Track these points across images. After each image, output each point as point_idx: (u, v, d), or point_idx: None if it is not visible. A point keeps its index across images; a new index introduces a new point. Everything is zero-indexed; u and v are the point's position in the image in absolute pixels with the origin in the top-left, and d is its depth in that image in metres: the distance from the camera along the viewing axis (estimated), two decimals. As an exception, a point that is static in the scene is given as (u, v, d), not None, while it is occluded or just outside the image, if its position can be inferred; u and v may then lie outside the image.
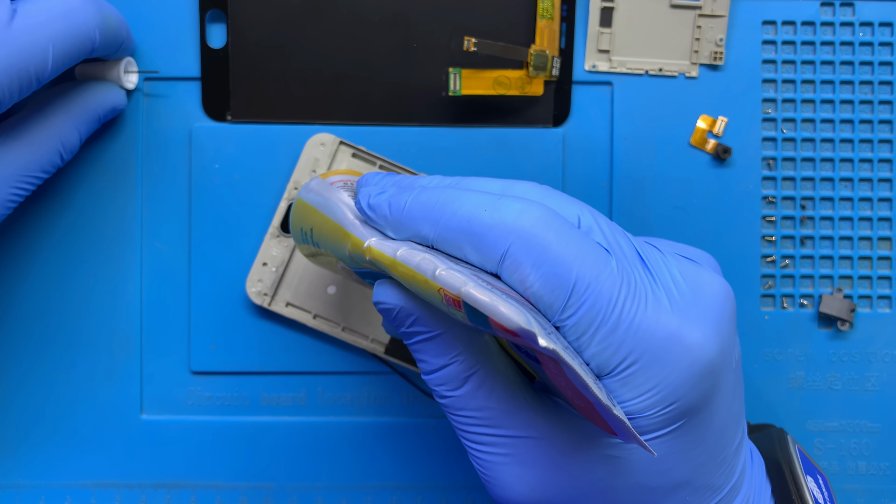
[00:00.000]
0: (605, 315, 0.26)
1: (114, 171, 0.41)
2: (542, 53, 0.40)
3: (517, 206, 0.27)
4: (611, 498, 0.29)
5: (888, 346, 0.42)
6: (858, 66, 0.42)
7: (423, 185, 0.30)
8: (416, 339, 0.29)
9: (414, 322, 0.29)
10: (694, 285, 0.28)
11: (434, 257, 0.26)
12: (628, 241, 0.28)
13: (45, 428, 0.42)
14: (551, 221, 0.27)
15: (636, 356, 0.27)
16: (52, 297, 0.41)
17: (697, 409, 0.28)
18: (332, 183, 0.33)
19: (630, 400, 0.27)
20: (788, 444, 0.34)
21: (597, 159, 0.42)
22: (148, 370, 0.42)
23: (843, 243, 0.42)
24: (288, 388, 0.42)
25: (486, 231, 0.26)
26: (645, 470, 0.29)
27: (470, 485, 0.42)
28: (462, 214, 0.27)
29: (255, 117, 0.41)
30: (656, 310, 0.27)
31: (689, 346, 0.27)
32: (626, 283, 0.27)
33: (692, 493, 0.29)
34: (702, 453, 0.29)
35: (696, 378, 0.27)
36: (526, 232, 0.26)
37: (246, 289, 0.41)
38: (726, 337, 0.28)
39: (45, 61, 0.33)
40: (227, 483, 0.42)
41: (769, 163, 0.42)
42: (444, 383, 0.29)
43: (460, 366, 0.29)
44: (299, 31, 0.41)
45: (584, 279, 0.26)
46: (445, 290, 0.25)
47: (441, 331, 0.29)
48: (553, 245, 0.26)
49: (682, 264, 0.29)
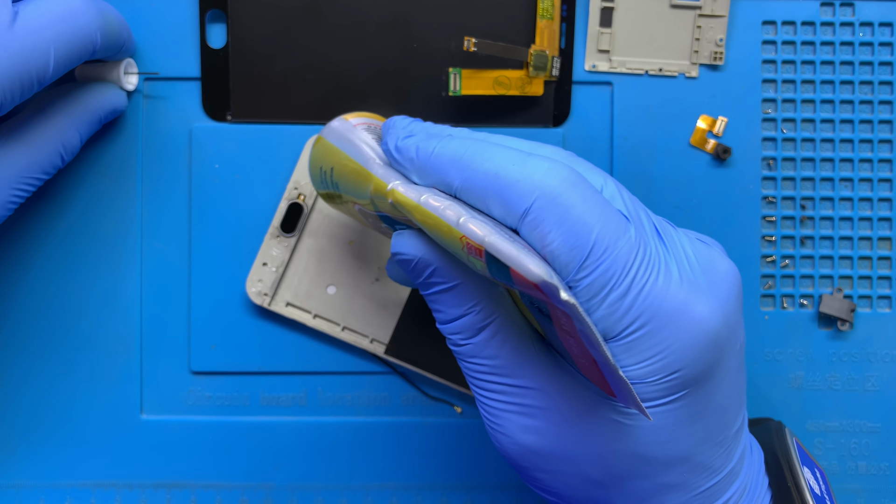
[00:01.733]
0: (618, 280, 0.27)
1: (114, 172, 0.41)
2: (542, 53, 0.40)
3: (545, 165, 0.27)
4: (609, 462, 0.29)
5: (888, 346, 0.42)
6: (858, 66, 0.42)
7: (450, 133, 0.30)
8: (433, 289, 0.29)
9: (432, 273, 0.29)
10: (704, 263, 0.29)
11: (458, 206, 0.26)
12: (647, 214, 0.29)
13: (45, 428, 0.42)
14: (577, 183, 0.27)
15: (642, 322, 0.27)
16: (52, 297, 0.41)
17: (700, 382, 0.28)
18: (355, 124, 0.33)
19: (633, 365, 0.28)
20: (786, 437, 0.35)
21: (597, 159, 0.42)
22: (148, 370, 0.42)
23: (843, 243, 0.42)
24: (288, 388, 0.42)
25: (513, 185, 0.27)
26: (645, 439, 0.29)
27: (470, 485, 0.42)
28: (490, 166, 0.27)
29: (255, 117, 0.41)
30: (667, 280, 0.27)
31: (695, 317, 0.28)
32: (641, 251, 0.27)
33: (689, 470, 0.30)
34: (701, 430, 0.29)
35: (699, 349, 0.28)
36: (552, 190, 0.27)
37: (246, 289, 0.41)
38: (732, 315, 0.29)
39: (47, 63, 0.33)
40: (227, 483, 0.42)
41: (769, 163, 0.42)
42: (459, 332, 0.30)
43: (476, 316, 0.29)
44: (299, 31, 0.41)
45: (603, 242, 0.26)
46: (468, 239, 0.25)
47: (459, 281, 0.29)
48: (576, 206, 0.27)
49: (694, 243, 0.30)
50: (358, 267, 0.41)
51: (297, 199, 0.40)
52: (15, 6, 0.33)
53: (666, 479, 0.30)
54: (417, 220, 0.28)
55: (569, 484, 0.30)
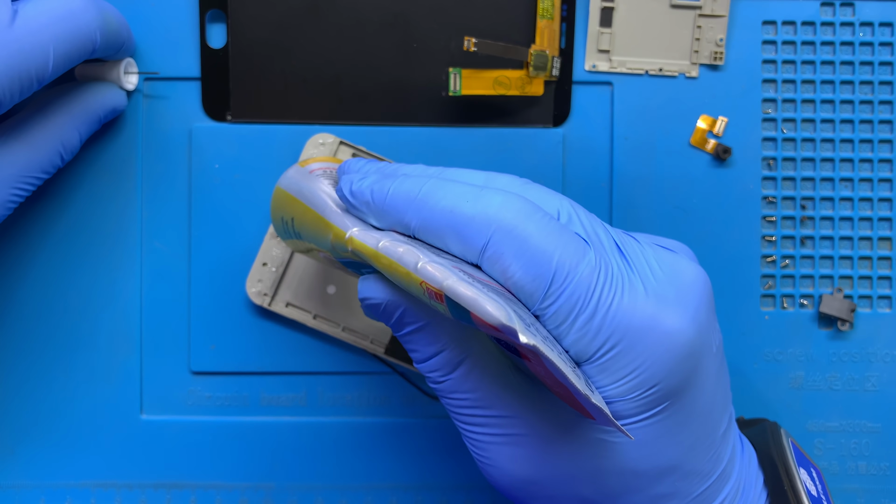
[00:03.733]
0: (584, 303, 0.27)
1: (114, 172, 0.41)
2: (542, 53, 0.40)
3: (499, 199, 0.27)
4: (599, 481, 0.29)
5: (888, 346, 0.42)
6: (858, 66, 0.42)
7: (405, 172, 0.30)
8: (405, 329, 0.29)
9: (402, 314, 0.29)
10: (670, 273, 0.29)
11: (417, 249, 0.26)
12: (606, 231, 0.29)
13: (44, 428, 0.42)
14: (532, 213, 0.27)
15: (614, 342, 0.27)
16: (52, 297, 0.41)
17: (679, 393, 0.28)
18: (311, 171, 0.33)
19: (609, 385, 0.28)
20: (781, 437, 0.35)
21: (597, 159, 0.42)
22: (148, 370, 0.42)
23: (843, 243, 0.42)
24: (288, 388, 0.42)
25: (468, 222, 0.27)
26: (632, 454, 0.29)
27: (470, 485, 0.42)
28: (444, 205, 0.28)
29: (255, 117, 0.41)
30: (632, 297, 0.28)
31: (666, 330, 0.28)
32: (603, 271, 0.27)
33: (681, 478, 0.30)
34: (688, 437, 0.29)
35: (674, 361, 0.28)
36: (507, 223, 0.27)
37: (246, 289, 0.41)
38: (704, 321, 0.29)
39: (46, 62, 0.33)
40: (227, 483, 0.42)
41: (769, 163, 0.42)
42: (436, 369, 0.30)
43: (451, 352, 0.29)
44: (299, 31, 0.41)
45: (564, 269, 0.27)
46: (427, 284, 0.25)
47: (429, 320, 0.29)
48: (534, 236, 0.27)
49: (658, 253, 0.30)
50: (358, 267, 0.41)
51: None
52: (14, 5, 0.33)
53: (658, 490, 0.30)
54: (378, 266, 0.27)
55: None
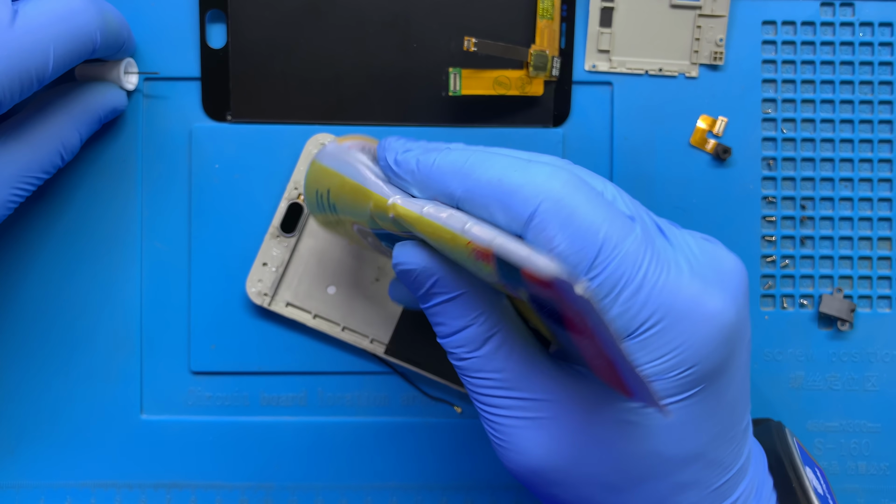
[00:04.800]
0: (630, 277, 0.27)
1: (114, 172, 0.41)
2: (542, 53, 0.40)
3: (547, 170, 0.27)
4: (625, 465, 0.29)
5: (888, 346, 0.42)
6: (858, 66, 0.42)
7: (448, 147, 0.30)
8: (435, 300, 0.29)
9: (435, 283, 0.29)
10: (711, 259, 0.29)
11: (461, 214, 0.26)
12: (650, 215, 0.29)
13: (44, 428, 0.42)
14: (580, 186, 0.27)
15: (657, 318, 0.27)
16: (52, 297, 0.41)
17: (715, 376, 0.28)
18: (349, 147, 0.33)
19: (650, 362, 0.27)
20: (787, 437, 0.35)
21: (597, 159, 0.42)
22: (148, 370, 0.42)
23: (843, 243, 0.42)
24: (288, 388, 0.42)
25: (516, 190, 0.27)
26: (660, 437, 0.29)
27: (470, 485, 0.42)
28: (492, 174, 0.27)
29: (255, 117, 0.41)
30: (678, 275, 0.27)
31: (709, 311, 0.28)
32: (650, 248, 0.27)
33: (704, 467, 0.30)
34: (714, 425, 0.29)
35: (715, 343, 0.28)
36: (556, 193, 0.27)
37: (246, 289, 0.41)
38: (743, 309, 0.29)
39: (46, 62, 0.33)
40: (227, 483, 0.42)
41: (769, 163, 0.42)
42: (462, 345, 0.29)
43: (480, 327, 0.29)
44: (299, 32, 0.41)
45: (611, 241, 0.26)
46: (475, 244, 0.25)
47: (462, 291, 0.29)
48: (581, 207, 0.27)
49: (697, 240, 0.30)
50: (358, 267, 0.41)
51: (297, 199, 0.40)
52: (15, 5, 0.33)
53: (681, 477, 0.29)
54: (420, 232, 0.27)
55: (584, 494, 0.30)
